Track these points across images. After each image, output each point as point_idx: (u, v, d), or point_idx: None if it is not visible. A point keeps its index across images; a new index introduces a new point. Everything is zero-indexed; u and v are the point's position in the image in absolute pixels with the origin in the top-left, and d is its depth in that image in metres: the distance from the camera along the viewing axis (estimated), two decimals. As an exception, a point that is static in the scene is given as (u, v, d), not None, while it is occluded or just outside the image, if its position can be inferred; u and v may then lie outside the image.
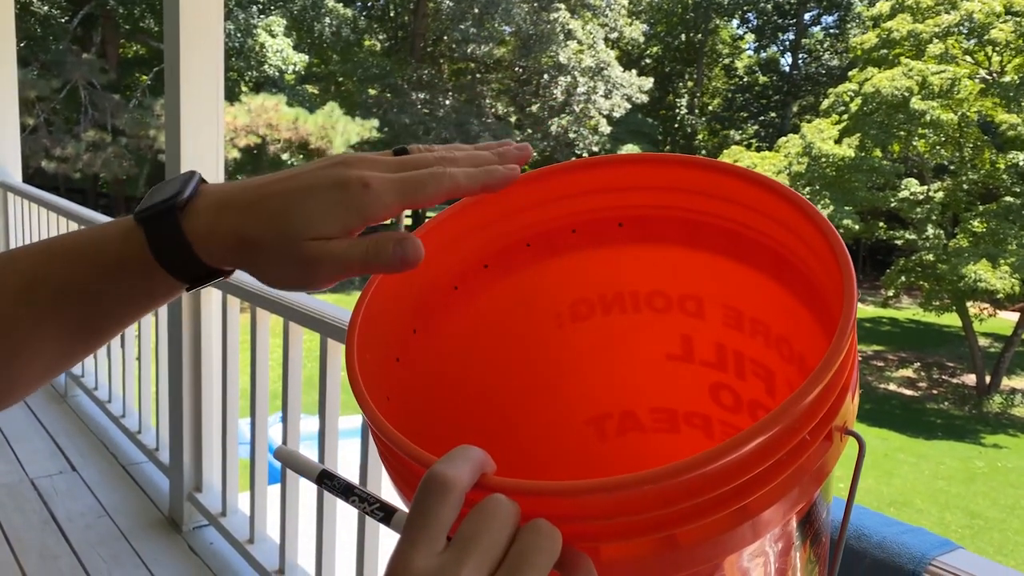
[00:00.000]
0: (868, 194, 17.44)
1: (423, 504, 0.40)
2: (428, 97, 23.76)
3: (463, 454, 0.42)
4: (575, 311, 0.71)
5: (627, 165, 0.63)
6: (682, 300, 0.68)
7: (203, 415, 2.63)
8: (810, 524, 0.52)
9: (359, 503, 0.46)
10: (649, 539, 0.43)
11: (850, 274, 0.49)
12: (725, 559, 0.46)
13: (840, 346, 0.45)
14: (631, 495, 0.41)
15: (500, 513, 0.40)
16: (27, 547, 2.52)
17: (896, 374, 18.62)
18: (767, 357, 0.65)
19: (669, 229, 0.65)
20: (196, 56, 2.43)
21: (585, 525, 0.42)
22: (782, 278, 0.61)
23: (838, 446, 0.48)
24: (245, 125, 17.08)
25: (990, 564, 0.90)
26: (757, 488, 0.43)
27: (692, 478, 0.41)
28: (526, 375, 0.72)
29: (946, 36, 17.02)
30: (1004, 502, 11.61)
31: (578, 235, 0.67)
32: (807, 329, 0.59)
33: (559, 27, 23.34)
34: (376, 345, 0.58)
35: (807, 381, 0.43)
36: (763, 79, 32.25)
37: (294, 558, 2.28)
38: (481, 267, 0.67)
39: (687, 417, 0.73)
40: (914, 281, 17.21)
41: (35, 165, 17.54)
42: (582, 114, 24.13)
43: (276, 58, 20.81)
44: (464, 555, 0.38)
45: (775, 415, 0.42)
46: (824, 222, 0.52)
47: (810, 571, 0.55)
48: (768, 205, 0.57)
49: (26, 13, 18.86)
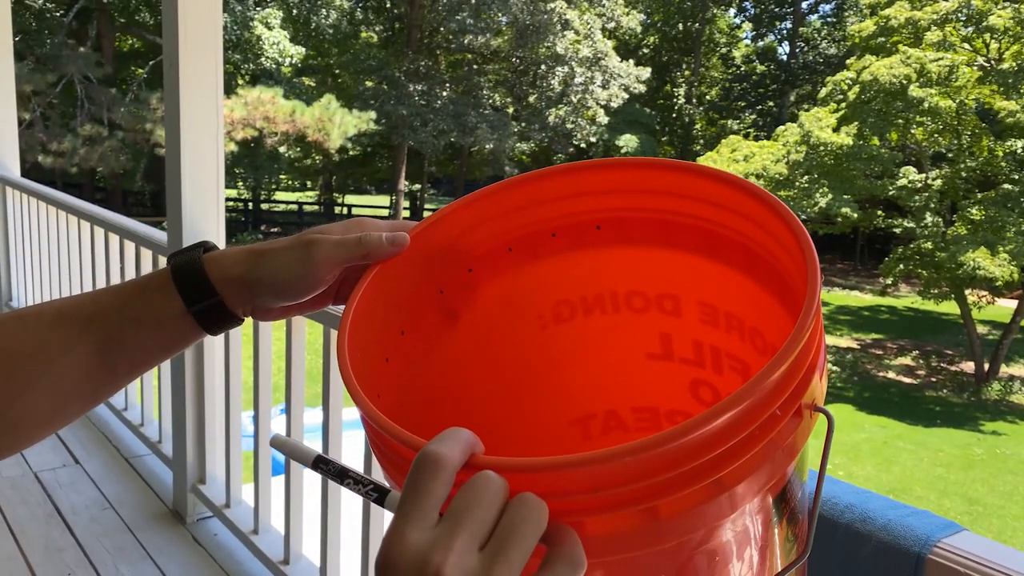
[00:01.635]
0: (866, 182, 17.44)
1: (416, 481, 0.42)
2: (425, 88, 23.70)
3: (454, 435, 0.44)
4: (557, 313, 0.73)
5: (603, 169, 0.66)
6: (660, 299, 0.71)
7: (206, 407, 2.64)
8: (786, 502, 0.53)
9: (354, 485, 0.48)
10: (631, 511, 0.44)
11: (814, 261, 0.51)
12: (706, 531, 0.48)
13: (805, 325, 0.47)
14: (613, 467, 0.43)
15: (490, 488, 0.42)
16: (32, 540, 2.53)
17: (895, 362, 18.65)
18: (742, 350, 0.68)
19: (645, 230, 0.67)
20: (195, 49, 2.42)
21: (570, 500, 0.44)
22: (753, 272, 0.63)
23: (808, 422, 0.50)
24: (242, 118, 17.04)
25: (995, 545, 0.90)
26: (731, 461, 0.45)
27: (669, 450, 0.43)
28: (511, 377, 0.74)
29: (944, 23, 16.98)
30: (1003, 488, 11.66)
31: (558, 239, 0.70)
32: (778, 320, 0.61)
33: (556, 17, 23.27)
34: (366, 346, 0.61)
35: (775, 358, 0.45)
36: (761, 68, 32.20)
37: (299, 548, 2.29)
38: (466, 271, 0.70)
39: (669, 415, 0.75)
40: (912, 269, 17.22)
41: (32, 160, 17.50)
42: (580, 104, 24.08)
43: (273, 50, 20.75)
44: (456, 528, 0.40)
45: (746, 389, 0.44)
46: (789, 214, 0.55)
47: (788, 550, 0.57)
48: (737, 202, 0.60)
49: (21, 7, 18.78)
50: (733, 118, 31.21)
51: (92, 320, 0.60)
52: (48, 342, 0.59)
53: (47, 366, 0.59)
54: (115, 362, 0.61)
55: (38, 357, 0.59)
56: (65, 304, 0.61)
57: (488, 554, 0.40)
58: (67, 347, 0.60)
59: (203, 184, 2.50)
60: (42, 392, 0.59)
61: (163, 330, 0.62)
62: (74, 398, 0.61)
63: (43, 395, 0.59)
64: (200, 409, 2.65)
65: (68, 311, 0.61)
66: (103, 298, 0.62)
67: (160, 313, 0.61)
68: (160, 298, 0.61)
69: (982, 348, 17.48)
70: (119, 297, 0.61)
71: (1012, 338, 17.30)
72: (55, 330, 0.60)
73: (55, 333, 0.60)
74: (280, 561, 2.29)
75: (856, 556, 0.96)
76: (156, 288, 0.61)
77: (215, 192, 2.52)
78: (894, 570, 0.93)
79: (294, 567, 2.27)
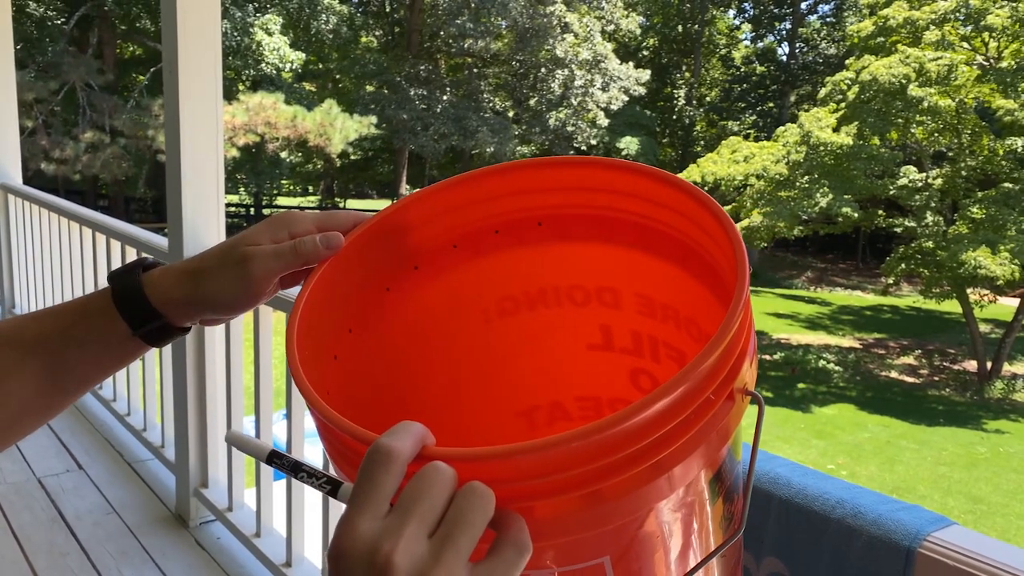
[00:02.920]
0: (867, 182, 17.42)
1: (368, 473, 0.43)
2: (426, 93, 23.73)
3: (405, 428, 0.46)
4: (501, 307, 0.75)
5: (542, 168, 0.68)
6: (599, 292, 0.73)
7: (208, 412, 2.65)
8: (721, 482, 0.56)
9: (307, 478, 0.49)
10: (577, 495, 0.46)
11: (742, 252, 0.54)
12: (647, 511, 0.50)
13: (735, 314, 0.49)
14: (557, 454, 0.45)
15: (439, 479, 0.44)
16: (36, 545, 2.54)
17: (897, 361, 18.63)
18: (679, 339, 0.70)
19: (584, 226, 0.70)
20: (194, 55, 2.44)
21: (519, 487, 0.46)
22: (687, 265, 0.66)
23: (740, 406, 0.52)
24: (243, 124, 17.06)
25: (983, 538, 0.92)
26: (669, 443, 0.47)
27: (610, 435, 0.45)
28: (457, 371, 0.76)
29: (943, 23, 16.98)
30: (1006, 487, 11.63)
31: (501, 235, 0.72)
32: (711, 309, 0.64)
33: (555, 20, 23.30)
34: (315, 344, 0.62)
35: (707, 345, 0.48)
36: (760, 69, 32.21)
37: (301, 551, 2.30)
38: (412, 268, 0.72)
39: (611, 403, 0.77)
40: (914, 268, 17.20)
41: (34, 167, 17.54)
42: (580, 107, 24.10)
43: (273, 56, 20.78)
44: (406, 517, 0.42)
45: (682, 375, 0.46)
46: (718, 209, 0.58)
47: (725, 527, 0.59)
48: (671, 199, 0.63)
49: (22, 15, 18.83)
50: (733, 119, 31.21)
51: (35, 344, 0.61)
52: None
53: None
54: (63, 380, 0.63)
55: None
56: (5, 328, 0.62)
57: (437, 541, 0.42)
58: (10, 370, 0.60)
59: (203, 190, 2.51)
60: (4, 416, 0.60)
61: (110, 351, 0.63)
62: (27, 414, 0.62)
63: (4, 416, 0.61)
64: (202, 414, 2.67)
65: (8, 335, 0.61)
66: (45, 320, 0.62)
67: (105, 335, 0.63)
68: (104, 322, 0.62)
69: (984, 347, 17.45)
70: (61, 320, 0.62)
71: (1014, 336, 17.26)
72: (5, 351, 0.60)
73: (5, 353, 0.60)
74: (282, 564, 2.31)
75: (848, 550, 0.97)
76: (99, 312, 0.62)
77: (215, 198, 2.54)
78: (885, 564, 0.94)
79: (296, 570, 2.28)
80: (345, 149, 19.92)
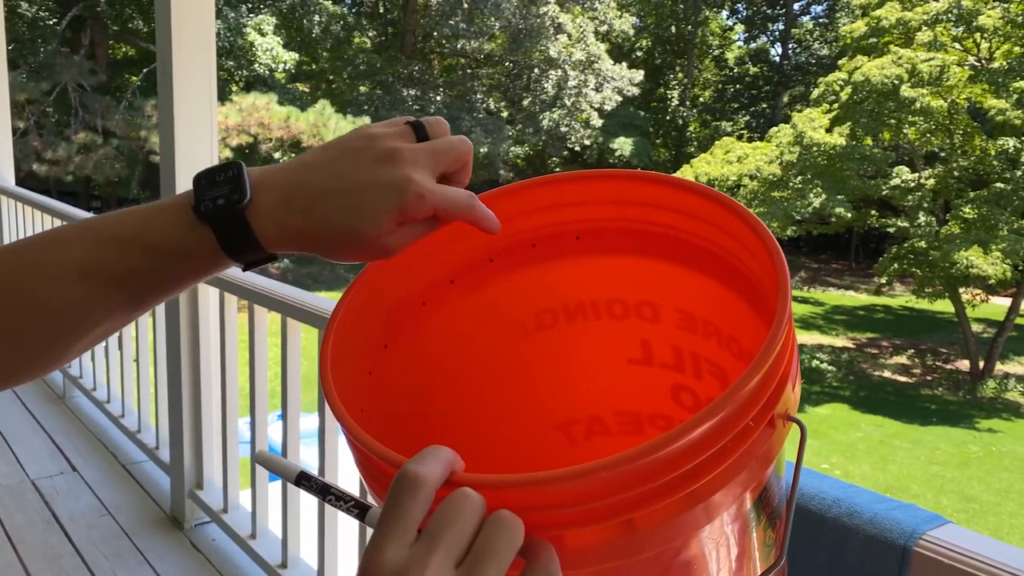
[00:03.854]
0: (859, 182, 17.48)
1: (395, 500, 0.43)
2: (419, 93, 23.71)
3: (433, 453, 0.45)
4: (539, 321, 0.74)
5: (581, 181, 0.68)
6: (639, 306, 0.72)
7: (203, 413, 2.65)
8: (764, 506, 0.54)
9: (335, 502, 0.48)
10: (609, 524, 0.45)
11: (784, 270, 0.52)
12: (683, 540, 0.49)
13: (776, 337, 0.48)
14: (590, 482, 0.44)
15: (466, 507, 0.43)
16: (30, 547, 2.54)
17: (890, 361, 18.69)
18: (720, 356, 0.69)
19: (622, 240, 0.69)
20: (188, 56, 2.44)
21: (549, 514, 0.45)
22: (727, 280, 0.65)
23: (781, 432, 0.50)
24: (237, 124, 17.01)
25: (978, 537, 0.92)
26: (706, 472, 0.46)
27: (645, 464, 0.44)
28: (494, 385, 0.75)
29: (935, 23, 17.04)
30: (999, 486, 11.68)
31: (538, 249, 0.71)
32: (752, 327, 0.63)
33: (548, 21, 23.30)
34: (349, 360, 0.61)
35: (746, 371, 0.46)
36: (753, 70, 32.27)
37: (296, 552, 2.30)
38: (448, 283, 0.71)
39: (651, 419, 0.76)
40: (907, 268, 17.26)
41: (26, 169, 17.46)
42: (573, 108, 24.10)
43: (266, 56, 20.73)
44: (432, 546, 0.41)
45: (719, 403, 0.45)
46: (758, 223, 0.56)
47: (766, 554, 0.58)
48: (709, 212, 0.62)
49: (14, 15, 18.75)
50: (726, 120, 31.25)
51: (126, 280, 0.56)
52: (74, 301, 0.55)
53: (76, 321, 0.56)
54: (146, 306, 0.59)
55: (65, 313, 0.56)
56: (87, 260, 0.55)
57: (463, 571, 0.41)
58: (97, 304, 0.56)
59: (198, 191, 2.51)
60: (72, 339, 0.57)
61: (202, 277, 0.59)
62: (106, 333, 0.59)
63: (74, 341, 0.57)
64: (197, 415, 2.66)
65: (94, 270, 0.55)
66: (134, 256, 0.55)
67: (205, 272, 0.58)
68: (207, 262, 0.56)
69: (977, 346, 17.52)
70: (155, 259, 0.55)
71: (1007, 336, 17.35)
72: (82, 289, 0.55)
73: (82, 293, 0.55)
74: (278, 565, 2.30)
75: (843, 549, 0.97)
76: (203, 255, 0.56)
77: (210, 199, 2.53)
78: (880, 562, 0.94)
79: (292, 571, 2.28)
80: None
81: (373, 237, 0.55)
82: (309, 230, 0.55)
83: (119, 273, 0.55)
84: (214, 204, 0.54)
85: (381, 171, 0.55)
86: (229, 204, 0.54)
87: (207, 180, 0.56)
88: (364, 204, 0.54)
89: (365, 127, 0.59)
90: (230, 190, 0.55)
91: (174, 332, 2.64)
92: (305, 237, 0.55)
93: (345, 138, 0.58)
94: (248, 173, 0.56)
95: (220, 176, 0.56)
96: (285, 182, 0.56)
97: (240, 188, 0.55)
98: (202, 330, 2.60)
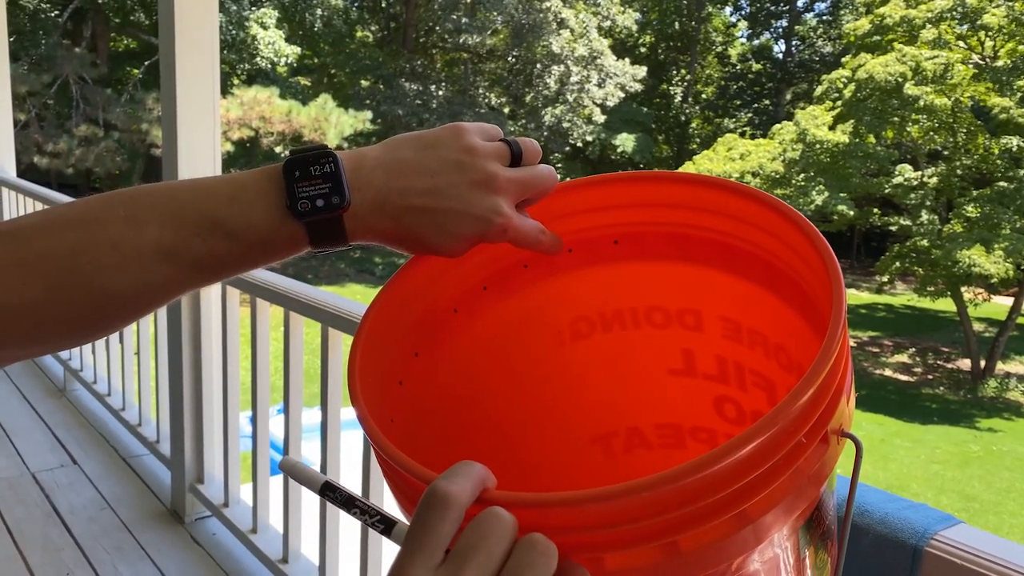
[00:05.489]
0: (862, 180, 17.46)
1: (423, 518, 0.41)
2: (421, 88, 23.67)
3: (464, 470, 0.43)
4: (575, 329, 0.71)
5: (619, 183, 0.65)
6: (681, 314, 0.69)
7: (203, 407, 2.64)
8: (817, 525, 0.52)
9: (360, 515, 0.47)
10: (652, 547, 0.43)
11: (838, 275, 0.49)
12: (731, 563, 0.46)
13: (830, 349, 0.45)
14: (630, 502, 0.41)
15: (497, 527, 0.41)
16: (30, 540, 2.53)
17: (891, 360, 18.68)
18: (767, 367, 0.66)
19: (663, 245, 0.66)
20: (191, 50, 2.42)
21: (587, 535, 0.42)
22: (775, 287, 0.62)
23: (835, 449, 0.47)
24: (238, 118, 17.00)
25: (991, 537, 0.91)
26: (755, 492, 0.43)
27: (690, 483, 0.41)
28: (529, 395, 0.72)
29: (939, 21, 17.00)
30: (999, 485, 11.69)
31: (574, 254, 0.68)
32: (802, 336, 0.60)
33: (551, 16, 23.26)
34: (379, 368, 0.59)
35: (799, 384, 0.43)
36: (756, 66, 32.21)
37: (297, 547, 2.29)
38: (480, 289, 0.68)
39: (693, 432, 0.73)
40: (909, 267, 17.25)
41: (27, 161, 17.44)
42: (576, 103, 24.07)
43: (268, 50, 20.70)
44: (460, 569, 0.39)
45: (769, 418, 0.42)
46: (810, 227, 0.53)
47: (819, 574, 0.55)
48: (756, 215, 0.59)
49: (15, 8, 18.72)
50: (729, 116, 31.21)
51: (207, 263, 0.54)
52: (151, 285, 0.53)
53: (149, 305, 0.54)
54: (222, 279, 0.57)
55: (141, 298, 0.53)
56: (168, 243, 0.52)
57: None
58: (176, 285, 0.54)
59: (200, 184, 2.49)
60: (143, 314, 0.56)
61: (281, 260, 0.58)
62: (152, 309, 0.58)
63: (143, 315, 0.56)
64: (198, 409, 2.65)
65: (175, 254, 0.53)
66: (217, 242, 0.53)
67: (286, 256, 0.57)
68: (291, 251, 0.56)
69: (978, 345, 17.51)
70: (239, 245, 0.54)
71: (1008, 335, 17.33)
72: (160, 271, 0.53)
73: (160, 275, 0.53)
74: (279, 560, 2.29)
75: (854, 549, 0.96)
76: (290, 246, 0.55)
77: (212, 192, 2.52)
78: (892, 562, 0.93)
79: (293, 566, 2.27)
80: (340, 144, 19.85)
81: (448, 253, 0.58)
82: (393, 233, 0.56)
83: (201, 256, 0.54)
84: (312, 205, 0.53)
85: (476, 198, 0.56)
86: (329, 207, 0.53)
87: (301, 172, 0.54)
88: (452, 227, 0.56)
89: (464, 131, 0.58)
90: (329, 190, 0.54)
91: (175, 326, 2.63)
92: (386, 237, 0.57)
93: (443, 141, 0.57)
94: (344, 167, 0.54)
95: (316, 170, 0.54)
96: (381, 184, 0.55)
97: (339, 190, 0.54)
98: (204, 324, 2.59)
